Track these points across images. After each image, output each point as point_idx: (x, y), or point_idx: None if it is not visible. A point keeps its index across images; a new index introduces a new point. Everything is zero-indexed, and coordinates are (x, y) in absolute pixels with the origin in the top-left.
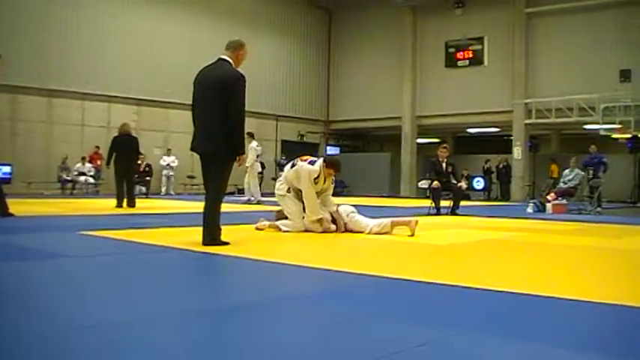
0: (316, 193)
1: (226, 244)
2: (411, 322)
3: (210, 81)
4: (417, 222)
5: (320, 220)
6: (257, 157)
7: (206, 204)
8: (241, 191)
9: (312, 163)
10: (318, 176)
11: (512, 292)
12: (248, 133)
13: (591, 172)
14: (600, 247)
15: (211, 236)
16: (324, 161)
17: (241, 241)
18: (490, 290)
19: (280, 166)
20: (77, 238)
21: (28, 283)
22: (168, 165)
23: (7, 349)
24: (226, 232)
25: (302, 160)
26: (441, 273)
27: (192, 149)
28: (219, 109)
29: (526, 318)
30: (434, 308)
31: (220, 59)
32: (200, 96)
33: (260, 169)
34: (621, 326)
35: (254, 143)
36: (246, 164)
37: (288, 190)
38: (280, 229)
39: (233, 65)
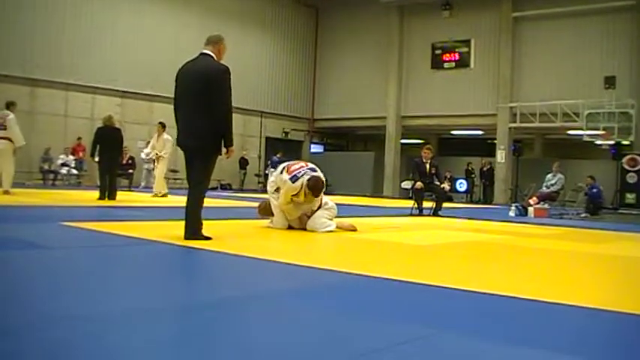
0: (298, 203)
1: (208, 238)
2: (390, 320)
3: (194, 75)
4: (351, 225)
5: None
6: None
7: (189, 198)
8: (225, 186)
9: (295, 178)
10: (297, 193)
11: (492, 294)
12: (160, 124)
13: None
14: (582, 252)
15: (192, 230)
16: (308, 181)
17: (224, 236)
18: (470, 291)
19: (273, 164)
20: (58, 229)
21: (4, 274)
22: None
23: None
24: (210, 227)
25: (289, 172)
26: (422, 273)
27: (178, 144)
28: (204, 103)
29: (504, 319)
30: (414, 308)
31: (203, 53)
32: (184, 90)
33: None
34: (602, 330)
35: (167, 135)
36: (161, 154)
37: (278, 189)
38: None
39: (216, 59)
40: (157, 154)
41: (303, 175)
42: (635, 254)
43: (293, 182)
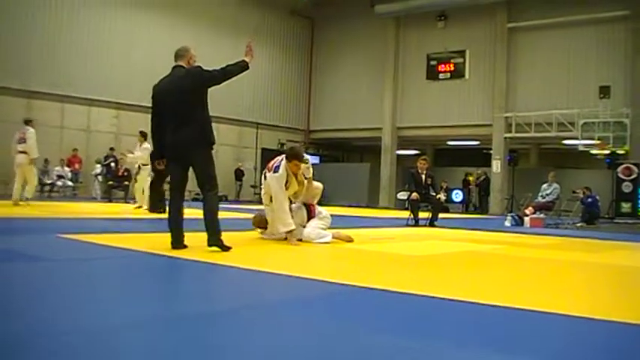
0: (293, 196)
1: (228, 248)
2: (383, 331)
3: (175, 85)
4: (348, 236)
5: (290, 232)
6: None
7: (206, 208)
8: (221, 198)
9: (276, 169)
10: (287, 181)
11: (488, 305)
12: (141, 133)
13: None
14: (577, 262)
15: (218, 234)
16: (286, 158)
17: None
18: (466, 302)
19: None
20: (55, 241)
21: None
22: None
23: None
24: (202, 239)
25: (269, 169)
26: (418, 284)
27: (165, 153)
28: (192, 108)
29: (501, 330)
30: (408, 318)
31: (176, 67)
32: (168, 101)
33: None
34: (597, 339)
35: (147, 144)
36: (139, 164)
37: (272, 200)
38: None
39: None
40: (138, 164)
41: (281, 162)
42: (631, 263)
43: (275, 172)
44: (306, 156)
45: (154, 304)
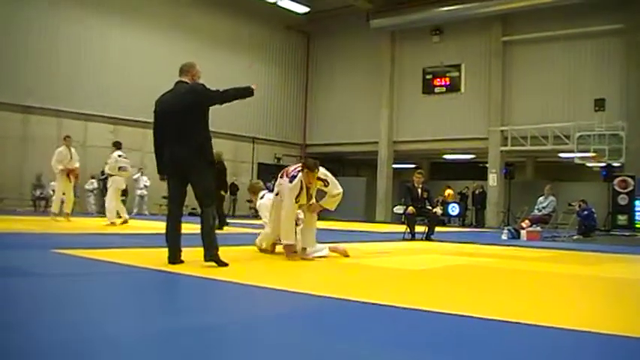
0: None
1: (224, 264)
2: (378, 345)
3: (177, 101)
4: (344, 250)
5: (289, 246)
6: (119, 169)
7: (203, 224)
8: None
9: (293, 178)
10: (299, 194)
11: (485, 318)
12: (113, 143)
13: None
14: (574, 274)
15: (215, 250)
16: (302, 167)
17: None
18: (463, 316)
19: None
20: (50, 256)
21: None
22: (144, 186)
23: None
24: (200, 254)
25: (287, 175)
26: (414, 298)
27: (162, 170)
28: (191, 123)
29: (497, 344)
30: (404, 332)
31: (179, 82)
32: (168, 116)
33: (124, 185)
34: (593, 352)
35: (116, 153)
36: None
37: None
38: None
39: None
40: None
41: (299, 172)
42: (626, 276)
43: (291, 182)
44: (322, 169)
45: (145, 319)
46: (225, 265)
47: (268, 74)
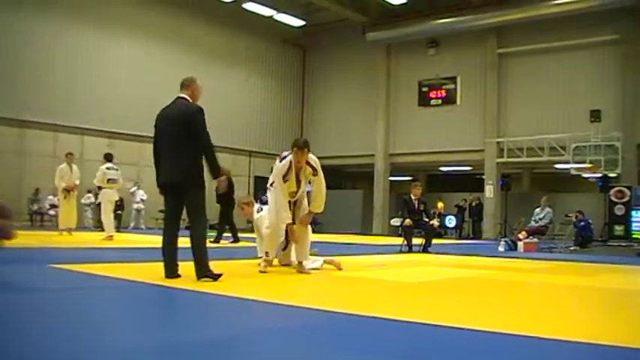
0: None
1: (219, 276)
2: (378, 357)
3: (173, 118)
4: (339, 263)
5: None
6: (108, 181)
7: (192, 239)
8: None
9: (282, 159)
10: (288, 174)
11: (483, 331)
12: (104, 155)
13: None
14: (571, 285)
15: (204, 269)
16: (292, 146)
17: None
18: (460, 328)
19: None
20: (47, 271)
21: None
22: (140, 199)
23: None
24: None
25: (279, 160)
26: (412, 310)
27: (160, 184)
28: (184, 142)
29: (495, 356)
30: (402, 346)
31: (178, 98)
32: (164, 133)
33: (117, 197)
34: None
35: (105, 165)
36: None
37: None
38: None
39: (190, 101)
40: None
41: (289, 154)
42: (623, 286)
43: (280, 162)
44: (312, 156)
45: (145, 333)
46: (219, 276)
47: (264, 87)
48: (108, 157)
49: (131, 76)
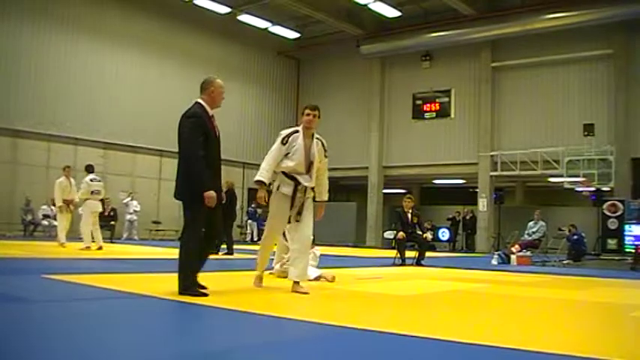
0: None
1: (203, 294)
2: None
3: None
4: (333, 277)
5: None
6: (92, 193)
7: (180, 248)
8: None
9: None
10: (289, 136)
11: (476, 344)
12: (85, 167)
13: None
14: (563, 299)
15: (184, 286)
16: (303, 109)
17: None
18: (452, 342)
19: (250, 215)
20: (39, 282)
21: None
22: (133, 210)
23: None
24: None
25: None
26: (404, 324)
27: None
28: (180, 152)
29: None
30: (397, 358)
31: (195, 103)
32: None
33: (100, 209)
34: None
35: (88, 177)
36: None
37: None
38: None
39: (206, 105)
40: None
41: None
42: (616, 300)
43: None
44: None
45: (148, 346)
46: (202, 295)
47: (258, 100)
48: (89, 169)
49: (125, 87)
